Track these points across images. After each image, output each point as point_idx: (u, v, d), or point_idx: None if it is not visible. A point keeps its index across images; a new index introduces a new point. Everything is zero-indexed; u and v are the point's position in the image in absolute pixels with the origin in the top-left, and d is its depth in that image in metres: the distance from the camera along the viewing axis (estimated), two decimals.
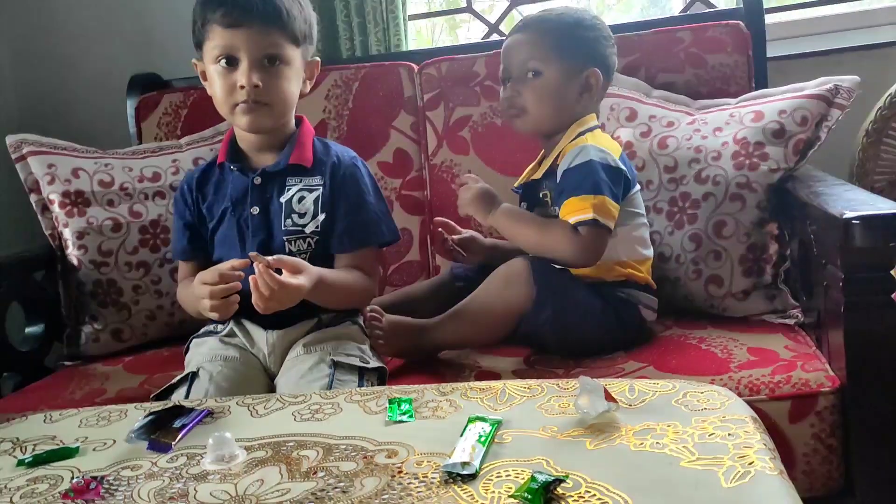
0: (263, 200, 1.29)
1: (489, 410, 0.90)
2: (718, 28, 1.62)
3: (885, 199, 1.10)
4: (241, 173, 1.31)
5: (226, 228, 1.31)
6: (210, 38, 1.25)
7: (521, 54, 1.34)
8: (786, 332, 1.28)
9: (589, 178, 1.23)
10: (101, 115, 2.10)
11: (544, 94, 1.32)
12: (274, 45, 1.23)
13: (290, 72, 1.26)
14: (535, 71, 1.32)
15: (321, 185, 1.29)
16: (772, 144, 1.36)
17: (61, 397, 1.36)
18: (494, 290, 1.26)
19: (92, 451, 0.91)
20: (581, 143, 1.29)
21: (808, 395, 1.08)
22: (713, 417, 0.82)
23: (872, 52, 1.82)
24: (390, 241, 1.36)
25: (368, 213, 1.30)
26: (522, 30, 1.36)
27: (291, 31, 1.25)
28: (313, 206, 1.28)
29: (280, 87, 1.25)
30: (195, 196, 1.35)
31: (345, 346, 1.24)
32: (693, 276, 1.40)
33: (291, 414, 0.96)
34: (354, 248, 1.29)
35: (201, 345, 1.29)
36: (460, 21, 2.33)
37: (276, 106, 1.26)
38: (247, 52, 1.22)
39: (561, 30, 1.33)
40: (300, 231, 1.27)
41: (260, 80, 1.22)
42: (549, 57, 1.31)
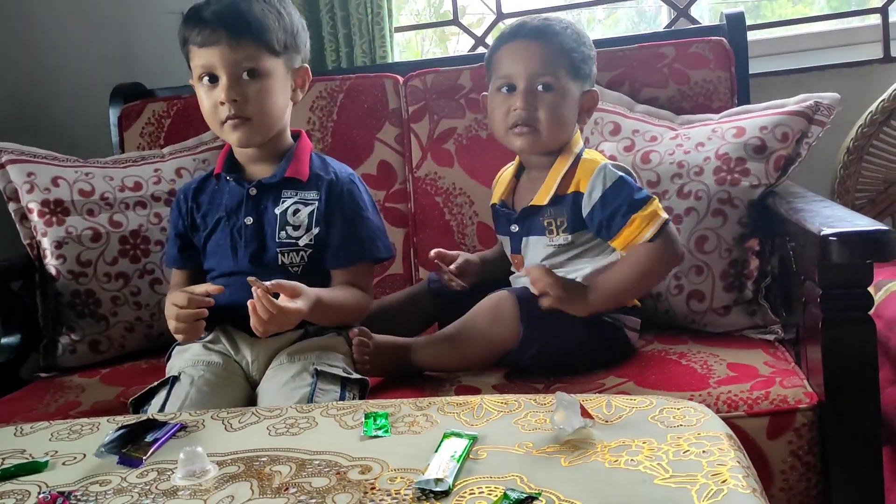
0: (258, 211, 1.29)
1: (465, 426, 0.90)
2: (701, 44, 1.63)
3: (863, 216, 1.10)
4: (237, 184, 1.31)
5: (219, 238, 1.32)
6: (192, 59, 1.26)
7: (531, 64, 1.27)
8: (765, 348, 1.28)
9: (631, 192, 1.21)
10: (83, 124, 2.09)
11: (556, 111, 1.27)
12: (249, 58, 1.23)
13: (271, 83, 1.25)
14: (547, 85, 1.27)
15: (317, 199, 1.29)
16: (753, 160, 1.37)
17: (35, 409, 1.34)
18: (481, 325, 1.23)
19: (61, 465, 0.90)
20: (592, 163, 1.26)
21: (787, 411, 1.08)
22: (688, 434, 0.82)
23: (853, 70, 1.84)
24: (385, 257, 1.35)
25: (365, 230, 1.31)
26: (531, 37, 1.29)
27: (268, 43, 1.24)
28: (308, 220, 1.28)
29: (260, 100, 1.24)
30: (190, 205, 1.36)
31: (329, 356, 1.24)
32: (675, 291, 1.40)
33: (266, 428, 0.95)
34: (350, 263, 1.29)
35: (184, 351, 1.29)
36: (449, 34, 2.33)
37: (258, 119, 1.25)
38: (223, 69, 1.22)
39: (570, 45, 1.28)
40: (294, 244, 1.27)
41: (238, 95, 1.22)
42: (560, 73, 1.27)
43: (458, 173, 1.70)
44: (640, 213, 1.20)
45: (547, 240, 1.29)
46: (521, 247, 1.33)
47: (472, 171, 1.69)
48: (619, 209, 1.21)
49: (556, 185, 1.28)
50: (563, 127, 1.29)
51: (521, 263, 1.33)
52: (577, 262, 1.28)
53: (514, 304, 1.21)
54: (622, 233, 1.21)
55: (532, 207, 1.30)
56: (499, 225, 1.41)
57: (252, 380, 1.26)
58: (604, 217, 1.22)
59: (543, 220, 1.29)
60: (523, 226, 1.32)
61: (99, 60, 2.12)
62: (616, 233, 1.21)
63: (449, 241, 1.69)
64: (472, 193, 1.69)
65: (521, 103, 1.26)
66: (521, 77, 1.27)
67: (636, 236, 1.20)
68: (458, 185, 1.70)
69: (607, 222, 1.22)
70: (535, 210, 1.30)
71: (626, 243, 1.21)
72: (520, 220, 1.33)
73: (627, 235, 1.20)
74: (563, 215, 1.27)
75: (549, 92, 1.27)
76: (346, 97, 1.76)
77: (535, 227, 1.30)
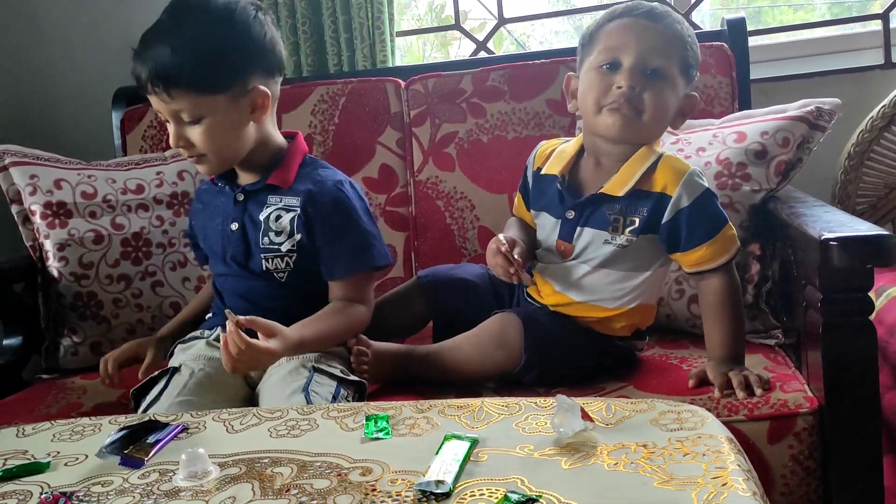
0: (243, 217, 1.29)
1: (466, 428, 0.90)
2: (703, 49, 1.63)
3: (864, 221, 1.11)
4: (229, 189, 1.32)
5: (212, 242, 1.33)
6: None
7: (645, 42, 1.15)
8: (766, 353, 1.28)
9: (717, 209, 1.17)
10: (86, 126, 2.10)
11: (662, 99, 1.16)
12: (183, 107, 1.19)
13: (213, 123, 1.20)
14: (657, 70, 1.16)
15: (298, 206, 1.26)
16: (754, 165, 1.37)
17: (37, 411, 1.34)
18: (486, 347, 1.20)
19: (63, 465, 0.90)
20: (680, 166, 1.18)
21: (787, 415, 1.08)
22: (688, 437, 0.82)
23: (854, 76, 1.84)
24: (382, 265, 1.32)
25: (358, 238, 1.27)
26: (649, 17, 1.17)
27: (203, 89, 1.18)
28: (290, 226, 1.26)
29: (204, 140, 1.22)
30: (196, 206, 1.41)
31: (327, 358, 1.24)
32: (676, 295, 1.40)
33: (268, 430, 0.95)
34: (345, 274, 1.27)
35: (188, 348, 1.30)
36: (451, 38, 2.34)
37: (213, 155, 1.24)
38: (168, 115, 1.22)
39: (686, 39, 1.18)
40: (276, 249, 1.26)
41: (183, 141, 1.22)
42: (672, 62, 1.17)
43: (460, 177, 1.70)
44: (724, 234, 1.16)
45: (608, 235, 1.19)
46: (574, 236, 1.22)
47: (473, 175, 1.70)
48: (703, 224, 1.15)
49: (634, 179, 1.18)
50: (663, 120, 1.20)
51: (570, 252, 1.23)
52: (635, 269, 1.21)
53: (519, 329, 1.19)
54: (699, 249, 1.15)
55: (602, 196, 1.20)
56: (542, 201, 1.28)
57: (251, 381, 1.26)
58: (686, 227, 1.15)
59: (611, 214, 1.19)
60: (583, 214, 1.21)
61: (102, 63, 2.12)
62: (693, 247, 1.15)
63: (450, 246, 1.70)
64: (474, 198, 1.69)
65: (627, 81, 1.15)
66: (630, 54, 1.15)
67: (713, 257, 1.15)
68: (459, 189, 1.70)
69: (688, 234, 1.15)
70: (605, 200, 1.19)
71: (699, 261, 1.16)
72: (580, 207, 1.21)
73: (706, 255, 1.15)
74: (638, 214, 1.18)
75: (658, 78, 1.16)
76: (348, 101, 1.77)
77: (598, 218, 1.20)
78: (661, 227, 1.17)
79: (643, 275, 1.21)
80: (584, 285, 1.23)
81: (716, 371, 1.15)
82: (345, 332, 1.26)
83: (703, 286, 1.20)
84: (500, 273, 1.19)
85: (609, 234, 1.19)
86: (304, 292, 1.28)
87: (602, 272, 1.21)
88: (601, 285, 1.22)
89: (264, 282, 1.28)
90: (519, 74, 1.70)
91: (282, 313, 1.20)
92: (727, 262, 1.17)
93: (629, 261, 1.20)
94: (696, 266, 1.18)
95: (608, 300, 1.22)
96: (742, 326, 1.20)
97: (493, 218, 1.67)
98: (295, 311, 1.23)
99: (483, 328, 1.23)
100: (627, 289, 1.21)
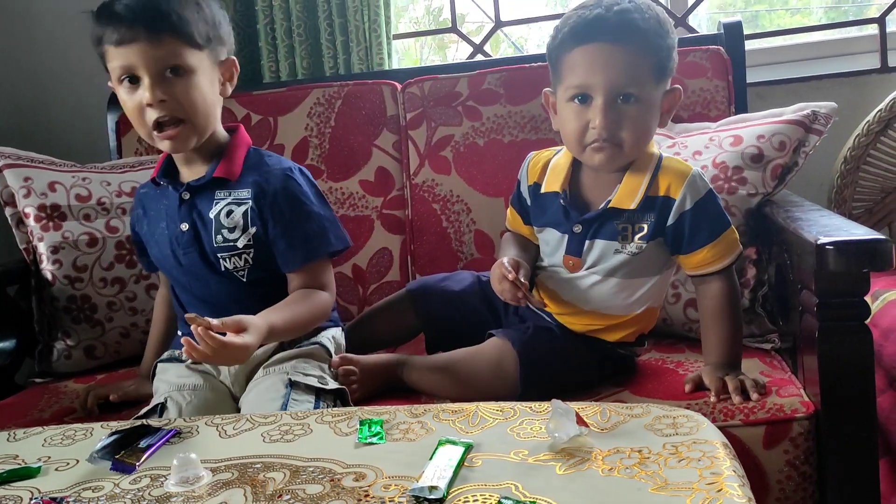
0: (192, 216, 1.23)
1: (461, 433, 0.89)
2: (699, 53, 1.64)
3: (860, 226, 1.10)
4: (173, 188, 1.25)
5: (161, 247, 1.26)
6: (109, 59, 1.18)
7: (612, 75, 1.11)
8: (762, 357, 1.28)
9: (720, 210, 1.16)
10: (81, 129, 2.09)
11: (640, 124, 1.14)
12: (172, 54, 1.14)
13: (197, 79, 1.17)
14: (629, 96, 1.13)
15: (249, 198, 1.22)
16: (750, 169, 1.37)
17: (30, 415, 1.34)
18: (483, 376, 1.18)
19: (54, 470, 0.89)
20: (682, 167, 1.17)
21: (783, 420, 1.08)
22: (684, 442, 0.81)
23: (850, 80, 1.84)
24: (341, 249, 1.27)
25: (311, 225, 1.23)
26: (611, 39, 1.12)
27: (189, 37, 1.15)
28: (243, 220, 1.21)
29: (190, 98, 1.16)
30: (138, 211, 1.33)
31: (304, 365, 1.20)
32: (672, 299, 1.39)
33: (261, 435, 0.94)
34: (302, 263, 1.22)
35: (166, 371, 1.26)
36: (448, 41, 2.34)
37: (193, 119, 1.18)
38: (145, 68, 1.14)
39: (654, 41, 1.13)
40: (233, 246, 1.21)
41: (164, 95, 1.15)
42: (644, 79, 1.13)
43: (456, 181, 1.70)
44: (727, 237, 1.15)
45: (618, 245, 1.18)
46: (584, 250, 1.20)
47: (469, 178, 1.69)
48: (707, 226, 1.14)
49: (642, 189, 1.16)
50: (647, 139, 1.18)
51: (579, 266, 1.21)
52: (644, 275, 1.20)
53: (515, 363, 1.17)
54: (702, 251, 1.15)
55: (612, 210, 1.17)
56: (545, 217, 1.26)
57: (236, 397, 1.23)
58: (689, 229, 1.14)
59: (619, 223, 1.17)
60: (591, 228, 1.19)
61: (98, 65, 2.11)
62: (696, 249, 1.15)
63: (446, 249, 1.69)
64: (470, 201, 1.69)
65: (602, 121, 1.12)
66: (599, 89, 1.12)
67: (715, 260, 1.15)
68: (455, 192, 1.70)
69: (691, 236, 1.14)
70: (615, 214, 1.18)
71: (700, 264, 1.16)
72: (588, 222, 1.19)
73: (708, 257, 1.15)
74: (646, 221, 1.16)
75: (632, 104, 1.13)
76: (344, 104, 1.76)
77: (608, 230, 1.18)
78: (667, 230, 1.17)
79: (652, 279, 1.21)
80: (593, 294, 1.22)
81: (712, 376, 1.14)
82: (311, 319, 1.21)
83: (703, 290, 1.19)
84: (509, 298, 1.17)
85: (619, 243, 1.18)
86: (267, 288, 1.23)
87: (612, 280, 1.20)
88: (611, 293, 1.21)
89: (226, 283, 1.23)
90: (515, 77, 1.70)
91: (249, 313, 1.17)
92: (728, 266, 1.17)
93: (639, 267, 1.19)
94: (698, 268, 1.17)
95: (617, 307, 1.22)
96: (740, 332, 1.19)
97: (490, 221, 1.67)
98: (261, 309, 1.19)
99: (479, 355, 1.21)
100: (637, 294, 1.21)
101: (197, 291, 1.26)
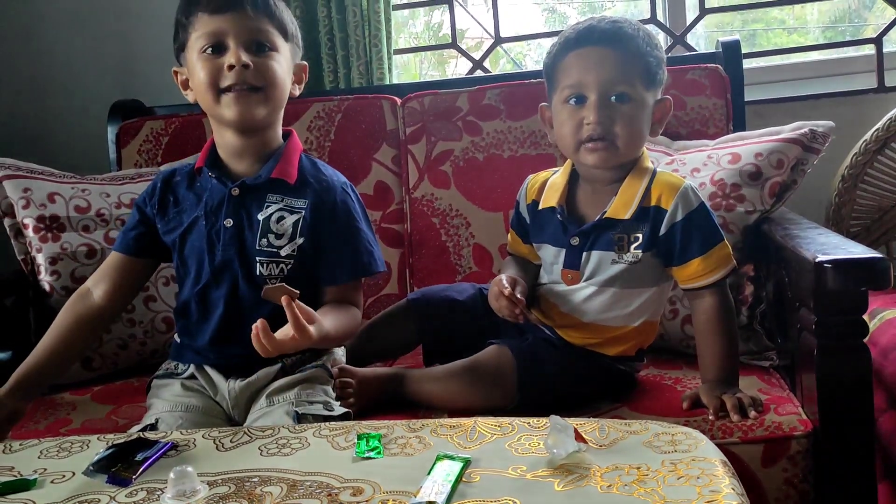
0: (239, 214, 1.20)
1: (459, 448, 0.89)
2: (698, 71, 1.65)
3: (858, 244, 1.11)
4: (220, 182, 1.22)
5: (195, 239, 1.22)
6: (196, 29, 1.18)
7: (605, 72, 1.16)
8: (760, 374, 1.28)
9: (713, 223, 1.17)
10: (81, 140, 2.10)
11: (634, 123, 1.18)
12: (264, 31, 1.18)
13: (281, 59, 1.20)
14: (623, 95, 1.17)
15: (304, 207, 1.20)
16: (748, 186, 1.37)
17: (25, 427, 1.32)
18: (480, 383, 1.18)
19: (50, 483, 0.89)
20: (674, 180, 1.19)
21: (781, 438, 1.08)
22: (684, 460, 0.81)
23: (848, 99, 1.86)
24: (381, 272, 1.28)
25: (361, 243, 1.23)
26: (603, 42, 1.18)
27: (280, 22, 1.20)
28: (292, 229, 1.19)
29: (272, 69, 1.18)
30: (167, 196, 1.26)
31: (309, 392, 1.17)
32: (670, 315, 1.40)
33: (258, 448, 0.94)
34: (348, 279, 1.22)
35: (162, 388, 1.23)
36: (447, 57, 2.35)
37: (269, 90, 1.17)
38: (235, 36, 1.16)
39: (644, 49, 1.18)
40: (275, 253, 1.19)
41: (250, 61, 1.15)
42: (636, 81, 1.17)
43: (455, 195, 1.70)
44: (719, 251, 1.16)
45: (615, 255, 1.19)
46: (581, 262, 1.22)
47: (468, 193, 1.70)
48: (698, 237, 1.15)
49: (636, 199, 1.19)
50: (640, 140, 1.21)
51: (577, 279, 1.22)
52: (641, 286, 1.21)
53: (513, 369, 1.18)
54: (692, 263, 1.16)
55: (608, 221, 1.20)
56: (544, 234, 1.28)
57: (234, 422, 1.19)
58: (680, 240, 1.16)
59: (615, 234, 1.19)
60: (588, 239, 1.21)
61: (98, 76, 2.12)
62: (687, 261, 1.16)
63: (445, 263, 1.69)
64: (469, 215, 1.69)
65: (595, 116, 1.16)
66: (593, 87, 1.17)
67: (706, 273, 1.16)
68: (454, 206, 1.70)
69: (682, 246, 1.16)
70: (610, 224, 1.20)
71: (691, 276, 1.17)
72: (585, 234, 1.21)
73: (698, 269, 1.16)
74: (640, 231, 1.18)
75: (625, 102, 1.17)
76: (344, 118, 1.77)
77: (604, 241, 1.20)
78: (658, 240, 1.18)
79: (648, 291, 1.21)
80: (590, 306, 1.22)
81: (710, 394, 1.14)
82: (348, 334, 1.21)
83: (696, 305, 1.20)
84: (506, 315, 1.19)
85: (615, 253, 1.19)
86: None
87: (609, 291, 1.20)
88: (607, 305, 1.21)
89: (251, 288, 1.19)
90: (515, 93, 1.71)
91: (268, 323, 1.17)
92: (720, 280, 1.17)
93: (635, 278, 1.20)
94: (690, 281, 1.18)
95: (615, 319, 1.22)
96: (736, 348, 1.19)
97: (489, 236, 1.67)
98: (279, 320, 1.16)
99: (477, 362, 1.21)
100: (633, 306, 1.21)
101: (218, 294, 1.21)
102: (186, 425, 1.14)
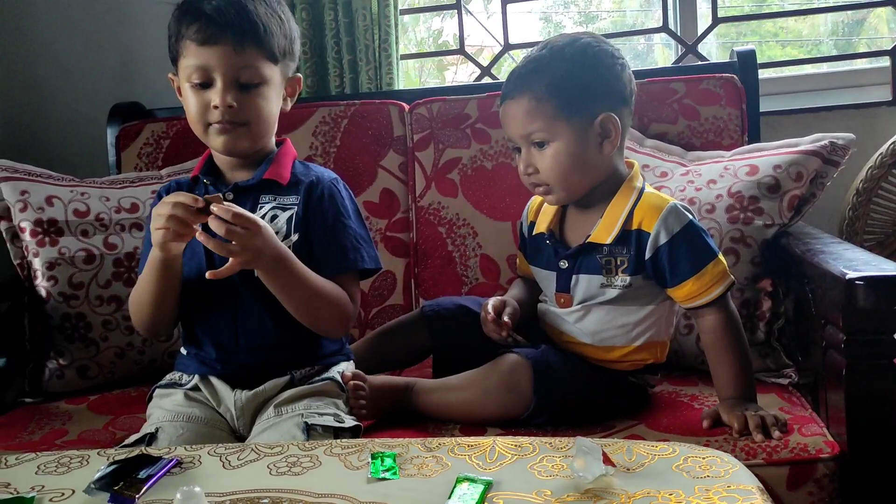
0: None
1: (478, 469, 0.85)
2: (712, 81, 1.62)
3: (888, 261, 1.08)
4: (215, 188, 1.24)
5: (194, 244, 1.18)
6: (184, 56, 1.18)
7: (518, 125, 1.18)
8: (779, 393, 1.25)
9: (703, 241, 1.15)
10: (80, 143, 2.05)
11: (559, 162, 1.17)
12: (249, 66, 1.16)
13: (268, 91, 1.19)
14: (540, 142, 1.18)
15: (296, 203, 1.21)
16: (766, 199, 1.34)
17: (19, 437, 1.28)
18: (495, 391, 1.16)
19: (48, 501, 0.84)
20: (659, 201, 1.17)
21: (807, 461, 1.04)
22: (717, 486, 0.77)
23: (861, 112, 1.83)
24: (371, 269, 1.24)
25: (348, 238, 1.21)
26: (513, 94, 1.19)
27: (269, 49, 1.18)
28: (286, 226, 1.19)
29: (257, 106, 1.18)
30: None
31: (318, 404, 1.15)
32: (684, 331, 1.36)
33: (267, 466, 0.90)
34: (333, 272, 1.19)
35: (164, 397, 1.20)
36: (448, 63, 2.32)
37: (254, 125, 1.19)
38: (221, 72, 1.15)
39: (558, 84, 1.16)
40: None
41: (235, 101, 1.16)
42: (552, 123, 1.16)
43: (462, 204, 1.67)
44: (712, 268, 1.13)
45: (603, 279, 1.18)
46: (571, 285, 1.22)
47: (476, 202, 1.66)
48: (686, 258, 1.13)
49: (620, 222, 1.17)
50: (583, 173, 1.19)
51: (569, 303, 1.22)
52: (633, 307, 1.19)
53: (529, 375, 1.15)
54: (686, 284, 1.13)
55: (591, 245, 1.19)
56: (539, 258, 1.29)
57: (239, 434, 1.17)
58: (668, 263, 1.14)
59: (602, 257, 1.18)
60: (575, 263, 1.21)
61: (98, 79, 2.08)
62: (680, 282, 1.14)
63: (451, 273, 1.66)
64: (476, 225, 1.66)
65: (523, 167, 1.21)
66: (517, 139, 1.20)
67: (703, 292, 1.13)
68: (461, 215, 1.67)
69: (671, 269, 1.14)
70: (594, 248, 1.19)
71: (688, 296, 1.14)
72: (572, 257, 1.21)
73: (692, 289, 1.13)
74: (625, 254, 1.17)
75: (544, 147, 1.18)
76: (351, 123, 1.73)
77: (591, 264, 1.19)
78: (646, 264, 1.16)
79: (645, 310, 1.19)
80: (585, 327, 1.21)
81: (731, 412, 1.11)
82: (328, 303, 1.16)
83: (701, 324, 1.18)
84: (495, 338, 1.21)
85: (604, 277, 1.19)
86: None
87: (602, 312, 1.20)
88: (602, 325, 1.20)
89: (252, 293, 1.17)
90: None
91: (268, 328, 1.16)
92: (720, 297, 1.14)
93: (628, 299, 1.19)
94: (688, 301, 1.16)
95: (614, 338, 1.20)
96: (749, 363, 1.16)
97: (496, 245, 1.64)
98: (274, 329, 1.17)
99: (491, 370, 1.19)
100: (632, 325, 1.19)
101: (223, 300, 1.19)
102: (187, 435, 1.11)
